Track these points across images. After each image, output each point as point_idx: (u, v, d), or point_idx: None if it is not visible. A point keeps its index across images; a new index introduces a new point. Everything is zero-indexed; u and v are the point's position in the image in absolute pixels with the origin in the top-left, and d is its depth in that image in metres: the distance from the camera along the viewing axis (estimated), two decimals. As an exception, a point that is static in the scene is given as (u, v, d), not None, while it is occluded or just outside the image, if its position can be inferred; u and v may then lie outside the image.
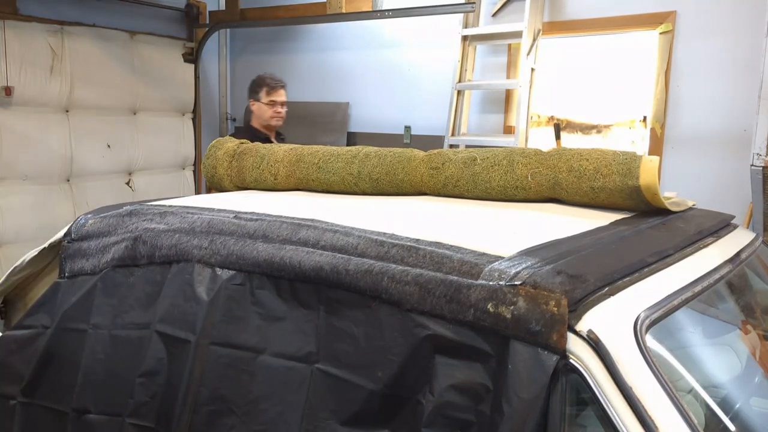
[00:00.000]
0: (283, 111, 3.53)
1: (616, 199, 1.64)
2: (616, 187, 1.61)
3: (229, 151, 2.27)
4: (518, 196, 1.78)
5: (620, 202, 1.65)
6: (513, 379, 1.03)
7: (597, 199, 1.67)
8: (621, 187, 1.60)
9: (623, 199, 1.63)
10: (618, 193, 1.62)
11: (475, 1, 4.11)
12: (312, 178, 2.05)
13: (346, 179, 1.99)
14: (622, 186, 1.60)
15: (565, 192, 1.71)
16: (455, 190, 1.87)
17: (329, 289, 1.28)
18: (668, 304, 1.15)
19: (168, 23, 5.28)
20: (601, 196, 1.66)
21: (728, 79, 3.46)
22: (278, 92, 3.51)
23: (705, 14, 3.51)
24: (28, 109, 4.30)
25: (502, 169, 1.79)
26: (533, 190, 1.76)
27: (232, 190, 2.24)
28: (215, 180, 2.29)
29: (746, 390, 1.57)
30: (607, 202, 1.67)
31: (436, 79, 4.45)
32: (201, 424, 1.37)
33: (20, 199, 4.27)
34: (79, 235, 1.72)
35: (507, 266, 1.12)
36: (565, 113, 4.02)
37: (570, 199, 1.73)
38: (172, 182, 5.33)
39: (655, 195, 1.59)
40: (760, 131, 2.94)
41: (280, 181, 2.12)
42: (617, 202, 1.65)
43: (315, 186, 2.07)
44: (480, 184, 1.82)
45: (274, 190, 2.15)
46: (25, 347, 1.69)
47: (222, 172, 2.24)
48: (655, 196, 1.59)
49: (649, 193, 1.59)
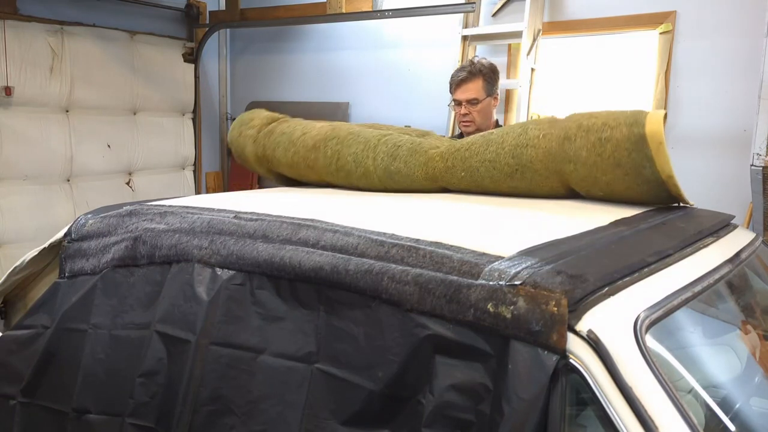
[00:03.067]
0: (471, 112, 2.69)
1: (622, 153, 1.63)
2: (622, 137, 1.63)
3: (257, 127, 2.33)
4: (526, 155, 1.78)
5: (625, 156, 1.64)
6: (513, 379, 1.03)
7: (604, 154, 1.66)
8: (627, 137, 1.62)
9: (629, 152, 1.63)
10: (624, 143, 1.62)
11: (475, 1, 4.11)
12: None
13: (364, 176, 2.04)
14: (629, 135, 1.62)
15: (573, 146, 1.71)
16: (467, 155, 1.89)
17: (329, 289, 1.28)
18: (668, 304, 1.15)
19: (168, 23, 5.29)
20: (608, 149, 1.65)
21: (728, 79, 3.46)
22: (460, 88, 2.71)
23: (705, 14, 3.51)
24: (28, 109, 4.30)
25: (515, 132, 1.83)
26: (542, 149, 1.77)
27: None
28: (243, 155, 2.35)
29: (746, 390, 1.57)
30: (613, 157, 1.65)
31: (436, 79, 4.45)
32: (201, 424, 1.37)
33: (20, 199, 4.27)
34: (79, 235, 1.72)
35: (507, 266, 1.12)
36: (565, 113, 4.02)
37: (577, 156, 1.71)
38: (172, 182, 5.33)
39: (660, 144, 1.58)
40: (760, 131, 2.94)
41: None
42: (623, 157, 1.64)
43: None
44: (492, 144, 1.84)
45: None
46: (25, 347, 1.69)
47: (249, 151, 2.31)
48: (660, 146, 1.58)
49: (654, 143, 1.58)
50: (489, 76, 2.71)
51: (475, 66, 2.74)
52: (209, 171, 5.74)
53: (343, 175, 2.07)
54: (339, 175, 2.08)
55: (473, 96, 2.69)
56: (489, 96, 2.71)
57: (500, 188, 1.88)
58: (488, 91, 2.70)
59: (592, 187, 1.74)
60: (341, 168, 2.06)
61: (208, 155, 5.71)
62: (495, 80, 2.74)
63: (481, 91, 2.69)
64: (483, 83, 2.69)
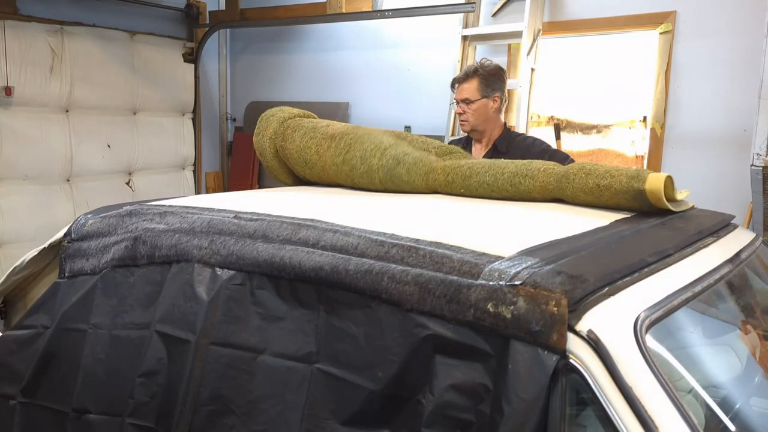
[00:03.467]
0: (467, 111, 2.74)
1: (620, 200, 1.66)
2: (621, 188, 1.65)
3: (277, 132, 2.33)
4: (524, 185, 1.81)
5: (623, 203, 1.66)
6: (513, 379, 1.03)
7: (601, 198, 1.69)
8: (626, 188, 1.64)
9: (627, 201, 1.65)
10: (623, 194, 1.65)
11: (475, 1, 4.12)
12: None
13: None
14: (628, 187, 1.63)
15: (570, 186, 1.74)
16: (468, 174, 1.92)
17: (329, 289, 1.28)
18: (668, 304, 1.15)
19: (168, 23, 5.29)
20: (605, 195, 1.68)
21: (728, 79, 3.46)
22: (459, 88, 2.78)
23: (705, 14, 3.51)
24: (28, 109, 4.30)
25: (519, 162, 1.88)
26: (540, 181, 1.79)
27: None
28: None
29: (746, 390, 1.57)
30: (610, 202, 1.68)
31: (436, 79, 4.45)
32: (201, 424, 1.37)
33: (20, 199, 4.27)
34: (79, 235, 1.72)
35: (507, 266, 1.12)
36: (565, 113, 4.02)
37: (574, 197, 1.73)
38: (172, 182, 5.34)
39: (659, 201, 1.60)
40: (760, 131, 2.94)
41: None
42: (620, 203, 1.67)
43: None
44: (493, 168, 1.88)
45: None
46: (25, 347, 1.69)
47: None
48: (659, 202, 1.60)
49: (653, 197, 1.60)
50: (486, 78, 2.74)
51: (472, 67, 2.79)
52: (209, 171, 5.74)
53: (346, 170, 2.08)
54: (343, 168, 2.09)
55: (466, 96, 2.74)
56: (485, 97, 2.73)
57: (495, 194, 1.89)
58: (483, 93, 2.73)
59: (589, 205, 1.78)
60: (347, 161, 2.07)
61: (208, 155, 5.71)
62: (494, 82, 2.75)
63: (476, 91, 2.73)
64: (478, 84, 2.73)
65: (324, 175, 2.18)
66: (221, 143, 5.82)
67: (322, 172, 2.17)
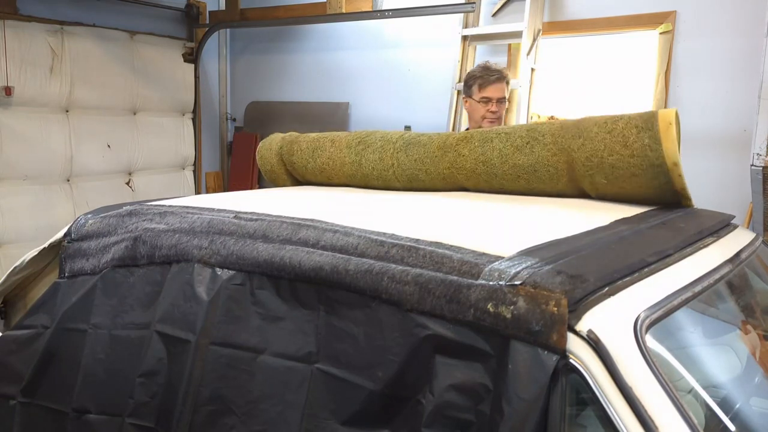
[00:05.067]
0: (500, 110, 2.91)
1: (631, 131, 1.67)
2: (635, 115, 1.68)
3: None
4: (540, 129, 1.85)
5: (634, 135, 1.66)
6: (513, 379, 1.03)
7: (614, 131, 1.69)
8: (639, 115, 1.67)
9: (638, 130, 1.65)
10: (635, 120, 1.67)
11: (475, 1, 4.11)
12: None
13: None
14: (641, 114, 1.67)
15: (585, 123, 1.76)
16: (487, 130, 1.98)
17: (329, 289, 1.28)
18: (668, 304, 1.15)
19: (168, 23, 5.29)
20: (618, 126, 1.69)
21: (728, 79, 3.46)
22: (493, 87, 2.91)
23: (705, 14, 3.51)
24: (28, 109, 4.30)
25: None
26: (556, 124, 1.84)
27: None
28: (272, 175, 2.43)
29: (746, 390, 1.57)
30: (622, 135, 1.68)
31: (436, 79, 4.45)
32: (201, 424, 1.37)
33: (20, 199, 4.27)
34: (79, 235, 1.72)
35: (507, 266, 1.12)
36: (565, 113, 4.02)
37: (587, 131, 1.74)
38: (172, 182, 5.33)
39: (670, 125, 1.61)
40: (760, 131, 2.94)
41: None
42: (631, 135, 1.67)
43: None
44: (512, 124, 2.03)
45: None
46: (25, 347, 1.69)
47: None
48: (669, 127, 1.61)
49: (663, 122, 1.61)
50: (508, 80, 3.02)
51: (497, 69, 3.00)
52: (209, 171, 5.74)
53: (361, 149, 2.13)
54: (357, 148, 2.14)
55: (503, 95, 2.94)
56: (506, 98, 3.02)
57: (505, 165, 1.90)
58: (506, 93, 3.01)
59: (596, 172, 1.74)
60: (363, 141, 2.14)
61: (208, 155, 5.71)
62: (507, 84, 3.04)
63: (505, 91, 2.98)
64: (506, 85, 3.00)
65: (333, 156, 2.20)
66: (221, 143, 5.82)
67: (331, 154, 2.19)
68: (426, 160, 2.01)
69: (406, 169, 2.05)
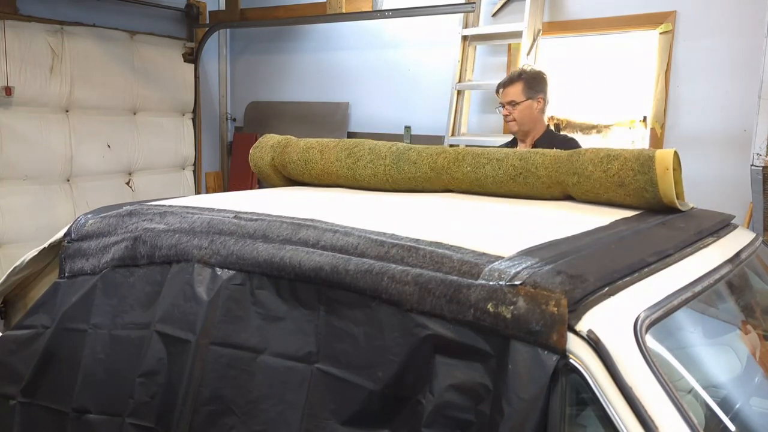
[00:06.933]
0: (511, 112, 2.95)
1: (627, 173, 1.67)
2: (631, 156, 1.68)
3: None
4: (533, 159, 1.84)
5: (630, 177, 1.67)
6: (513, 379, 1.03)
7: (610, 171, 1.70)
8: (636, 156, 1.67)
9: (634, 172, 1.66)
10: (631, 161, 1.67)
11: (475, 1, 4.12)
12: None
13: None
14: (638, 155, 1.67)
15: (581, 159, 1.76)
16: (479, 153, 1.96)
17: (329, 289, 1.28)
18: (668, 304, 1.15)
19: (168, 23, 5.29)
20: (614, 166, 1.69)
21: (728, 79, 3.47)
22: (502, 91, 3.00)
23: (705, 14, 3.51)
24: (28, 109, 4.30)
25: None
26: (551, 156, 1.83)
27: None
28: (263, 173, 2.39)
29: (746, 390, 1.57)
30: (618, 176, 1.69)
31: (436, 79, 4.46)
32: (201, 424, 1.37)
33: (20, 199, 4.28)
34: (79, 235, 1.72)
35: (507, 266, 1.12)
36: (565, 113, 4.02)
37: (583, 169, 1.74)
38: (172, 182, 5.34)
39: (667, 170, 1.61)
40: (760, 131, 2.94)
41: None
42: (627, 177, 1.67)
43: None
44: (505, 150, 1.94)
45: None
46: (25, 347, 1.69)
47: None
48: (666, 172, 1.61)
49: (660, 167, 1.61)
50: (530, 81, 2.95)
51: (515, 72, 3.03)
52: (209, 171, 5.75)
53: (351, 162, 2.10)
54: (347, 162, 2.11)
55: (512, 98, 2.94)
56: (529, 98, 2.92)
57: (500, 190, 1.89)
58: (528, 94, 2.92)
59: (593, 203, 1.78)
60: (353, 154, 2.10)
61: (208, 155, 5.71)
62: (537, 84, 2.95)
63: (521, 94, 2.93)
64: (523, 87, 2.93)
65: (326, 169, 2.17)
66: (221, 143, 5.82)
67: (323, 168, 2.17)
68: (419, 179, 2.01)
69: (402, 184, 2.04)
